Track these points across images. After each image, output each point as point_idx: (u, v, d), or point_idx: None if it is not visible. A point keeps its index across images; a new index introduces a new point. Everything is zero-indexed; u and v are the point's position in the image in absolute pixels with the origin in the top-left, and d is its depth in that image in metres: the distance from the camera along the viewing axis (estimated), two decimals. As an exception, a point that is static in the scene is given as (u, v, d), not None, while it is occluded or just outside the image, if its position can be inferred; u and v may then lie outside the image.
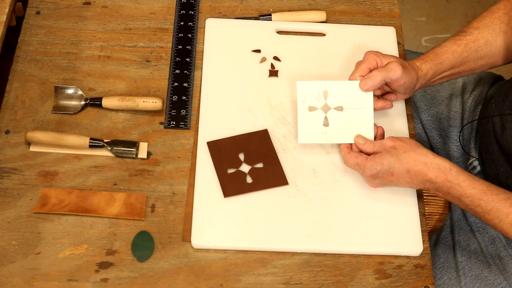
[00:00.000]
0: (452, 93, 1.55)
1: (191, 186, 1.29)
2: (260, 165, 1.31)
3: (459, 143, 1.52)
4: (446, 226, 1.49)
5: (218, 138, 1.33)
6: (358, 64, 1.33)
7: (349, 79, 1.32)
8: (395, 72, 1.29)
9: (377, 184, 1.28)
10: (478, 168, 1.44)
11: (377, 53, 1.32)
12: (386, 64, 1.31)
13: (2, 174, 1.28)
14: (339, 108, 1.32)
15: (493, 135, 1.38)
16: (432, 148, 1.58)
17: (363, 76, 1.31)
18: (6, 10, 1.39)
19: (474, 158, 1.44)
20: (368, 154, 1.29)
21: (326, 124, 1.32)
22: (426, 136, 1.57)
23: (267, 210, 1.27)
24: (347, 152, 1.30)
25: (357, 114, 1.32)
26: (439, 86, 1.56)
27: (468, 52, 1.37)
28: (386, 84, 1.33)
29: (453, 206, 1.49)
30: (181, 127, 1.36)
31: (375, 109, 1.32)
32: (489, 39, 1.37)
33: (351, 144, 1.31)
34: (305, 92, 1.32)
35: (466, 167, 1.47)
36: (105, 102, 1.35)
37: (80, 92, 1.36)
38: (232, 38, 1.46)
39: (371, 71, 1.31)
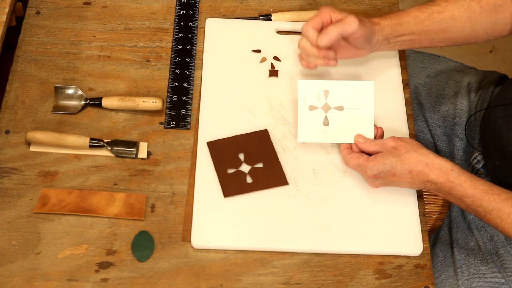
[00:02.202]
0: (458, 91, 1.55)
1: (191, 186, 1.29)
2: (260, 165, 1.31)
3: (463, 141, 1.52)
4: (444, 225, 1.49)
5: (218, 138, 1.33)
6: (312, 17, 1.32)
7: (302, 29, 1.32)
8: (351, 25, 1.29)
9: (378, 184, 1.28)
10: (482, 162, 1.44)
11: (331, 8, 1.32)
12: (342, 18, 1.30)
13: (2, 174, 1.28)
14: (340, 108, 1.32)
15: (493, 128, 1.37)
16: (436, 146, 1.58)
17: (316, 28, 1.31)
18: (6, 10, 1.39)
19: (478, 152, 1.44)
20: (369, 153, 1.29)
21: (326, 123, 1.32)
22: (430, 134, 1.57)
23: (267, 210, 1.27)
24: (348, 153, 1.29)
25: (358, 114, 1.32)
26: (444, 84, 1.56)
27: (430, 22, 1.35)
28: (343, 38, 1.32)
29: (452, 204, 1.49)
30: (181, 127, 1.36)
31: (344, 58, 1.33)
32: (455, 13, 1.35)
33: (351, 144, 1.31)
34: (306, 91, 1.32)
35: (470, 163, 1.47)
36: (105, 102, 1.35)
37: (80, 92, 1.36)
38: (232, 38, 1.46)
39: (323, 25, 1.31)
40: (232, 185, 1.28)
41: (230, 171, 1.30)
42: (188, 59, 1.44)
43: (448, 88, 1.56)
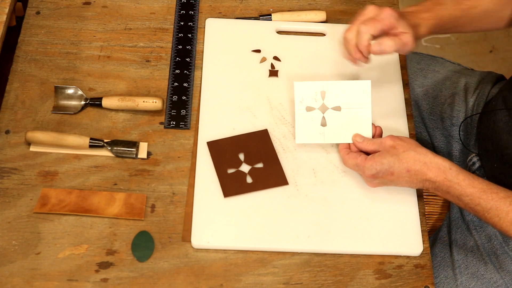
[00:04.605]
0: (455, 92, 1.55)
1: (191, 186, 1.29)
2: (260, 165, 1.31)
3: (460, 143, 1.52)
4: (444, 225, 1.49)
5: (218, 138, 1.33)
6: (373, 21, 1.25)
7: (360, 27, 1.25)
8: (407, 47, 1.26)
9: (376, 183, 1.28)
10: (478, 164, 1.44)
11: (394, 15, 1.26)
12: (400, 34, 1.26)
13: (2, 174, 1.28)
14: (337, 108, 1.32)
15: (493, 131, 1.38)
16: (434, 147, 1.58)
17: (372, 35, 1.25)
18: (6, 10, 1.39)
19: (473, 154, 1.45)
20: (367, 152, 1.29)
21: (323, 124, 1.32)
22: (428, 135, 1.57)
23: (267, 210, 1.27)
24: (346, 153, 1.29)
25: (355, 114, 1.32)
26: (441, 85, 1.56)
27: (465, 19, 1.37)
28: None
29: (452, 205, 1.49)
30: (181, 127, 1.36)
31: (389, 51, 1.27)
32: (489, 6, 1.37)
33: (349, 144, 1.31)
34: (303, 92, 1.32)
35: (466, 164, 1.47)
36: (105, 102, 1.35)
37: (80, 92, 1.37)
38: (232, 38, 1.46)
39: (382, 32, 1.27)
40: (232, 185, 1.28)
41: (230, 171, 1.30)
42: (188, 59, 1.44)
43: (445, 89, 1.56)
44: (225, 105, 1.38)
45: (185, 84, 1.40)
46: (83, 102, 1.36)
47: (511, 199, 1.20)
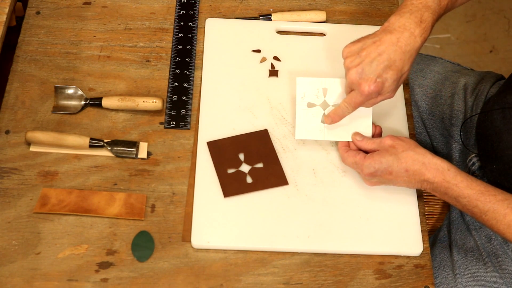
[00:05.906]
0: (454, 92, 1.55)
1: (191, 186, 1.29)
2: (260, 165, 1.31)
3: (460, 143, 1.52)
4: (444, 225, 1.49)
5: (218, 138, 1.33)
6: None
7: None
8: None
9: (374, 182, 1.28)
10: (478, 164, 1.44)
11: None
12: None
13: (2, 174, 1.28)
14: (338, 107, 1.33)
15: (491, 131, 1.37)
16: (433, 148, 1.57)
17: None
18: (6, 10, 1.39)
19: (474, 154, 1.44)
20: (366, 151, 1.29)
21: (324, 121, 1.32)
22: (427, 135, 1.57)
23: (267, 210, 1.27)
24: (345, 151, 1.30)
25: (356, 112, 1.32)
26: (440, 85, 1.56)
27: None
28: None
29: (452, 205, 1.49)
30: (181, 127, 1.36)
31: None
32: None
33: (349, 143, 1.31)
34: (305, 89, 1.32)
35: (466, 164, 1.47)
36: (105, 102, 1.35)
37: (80, 92, 1.37)
38: (232, 38, 1.46)
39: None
40: (232, 185, 1.28)
41: (230, 171, 1.30)
42: (188, 59, 1.44)
43: (445, 89, 1.56)
44: (225, 105, 1.38)
45: (185, 84, 1.40)
46: (83, 102, 1.36)
47: (509, 201, 1.20)
